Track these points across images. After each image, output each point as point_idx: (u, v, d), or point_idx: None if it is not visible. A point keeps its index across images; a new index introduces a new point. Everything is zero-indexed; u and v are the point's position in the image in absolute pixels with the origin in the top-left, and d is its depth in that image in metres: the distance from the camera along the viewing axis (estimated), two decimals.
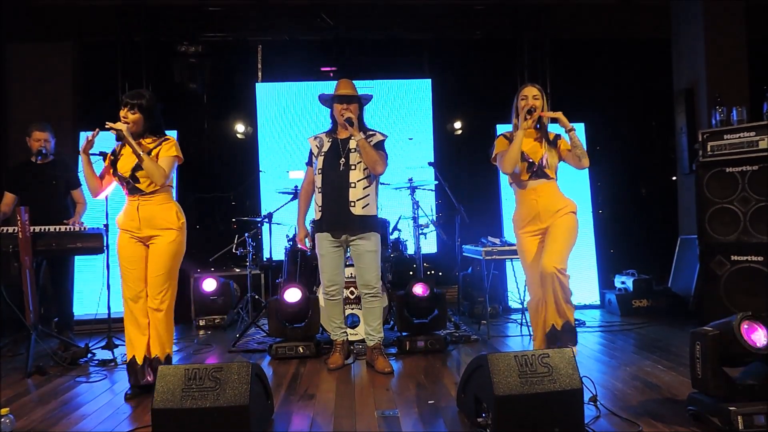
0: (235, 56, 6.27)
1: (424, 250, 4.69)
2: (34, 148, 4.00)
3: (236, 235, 4.92)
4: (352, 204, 3.19)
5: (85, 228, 3.69)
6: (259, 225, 4.82)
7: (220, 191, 6.18)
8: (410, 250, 4.83)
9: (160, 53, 6.05)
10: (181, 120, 5.74)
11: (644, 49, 6.22)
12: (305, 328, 3.74)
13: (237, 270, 5.38)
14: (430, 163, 4.61)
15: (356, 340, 3.85)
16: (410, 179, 4.48)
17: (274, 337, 3.81)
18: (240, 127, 6.41)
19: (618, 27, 6.10)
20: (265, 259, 4.92)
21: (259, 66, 6.21)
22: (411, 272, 5.29)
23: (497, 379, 2.12)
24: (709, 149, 3.87)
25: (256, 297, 4.96)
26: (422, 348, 3.68)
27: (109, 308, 3.97)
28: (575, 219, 2.98)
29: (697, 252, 3.99)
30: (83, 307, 4.73)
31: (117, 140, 2.93)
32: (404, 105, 5.97)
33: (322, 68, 6.38)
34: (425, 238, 4.74)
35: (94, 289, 4.69)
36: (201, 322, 4.91)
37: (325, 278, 3.36)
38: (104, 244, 3.69)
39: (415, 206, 4.47)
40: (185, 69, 6.34)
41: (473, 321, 4.72)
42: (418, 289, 3.79)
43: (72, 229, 3.64)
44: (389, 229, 4.63)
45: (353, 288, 3.89)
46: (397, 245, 4.72)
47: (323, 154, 3.29)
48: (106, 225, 3.79)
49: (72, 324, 4.25)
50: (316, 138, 3.40)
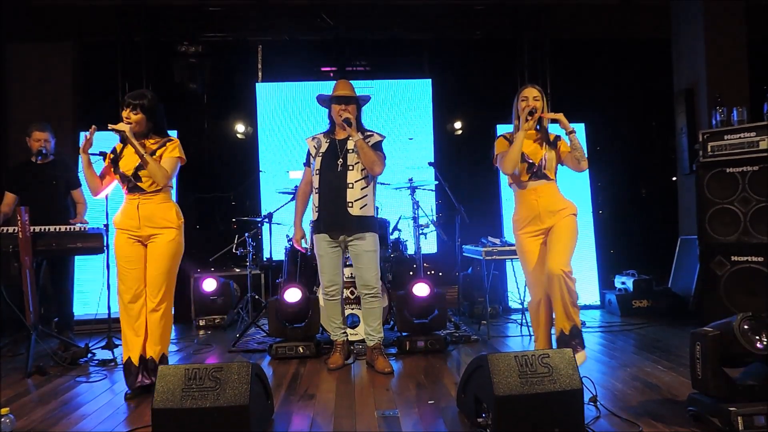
0: (235, 56, 6.27)
1: (424, 250, 4.69)
2: (34, 148, 4.00)
3: (236, 235, 4.92)
4: (350, 205, 3.19)
5: (85, 228, 3.70)
6: (259, 225, 4.82)
7: (220, 191, 6.18)
8: (410, 250, 4.84)
9: (160, 53, 6.05)
10: (181, 120, 5.74)
11: (644, 49, 6.21)
12: (305, 328, 3.74)
13: (237, 270, 5.38)
14: (430, 163, 4.61)
15: (356, 340, 3.85)
16: (410, 179, 4.48)
17: (274, 337, 3.81)
18: (240, 127, 6.41)
19: (618, 27, 6.09)
20: (265, 259, 4.92)
21: (259, 66, 6.21)
22: (411, 272, 5.28)
23: (497, 380, 2.12)
24: (709, 149, 3.87)
25: (256, 297, 4.96)
26: (422, 348, 3.68)
27: (109, 308, 3.97)
28: (576, 221, 2.98)
29: (698, 252, 3.99)
30: (83, 307, 4.73)
31: (120, 141, 2.93)
32: (404, 105, 5.97)
33: (322, 68, 6.38)
34: (425, 238, 4.74)
35: (94, 289, 4.70)
36: (201, 322, 4.91)
37: (324, 279, 3.36)
38: (104, 244, 3.70)
39: (415, 206, 4.47)
40: (185, 69, 6.34)
41: (473, 321, 4.73)
42: (418, 289, 3.79)
43: (72, 229, 3.64)
44: (389, 229, 4.63)
45: (353, 288, 3.89)
46: (397, 245, 4.72)
47: (321, 154, 3.28)
48: (106, 225, 3.78)
49: (72, 324, 4.25)
50: (313, 139, 3.38)
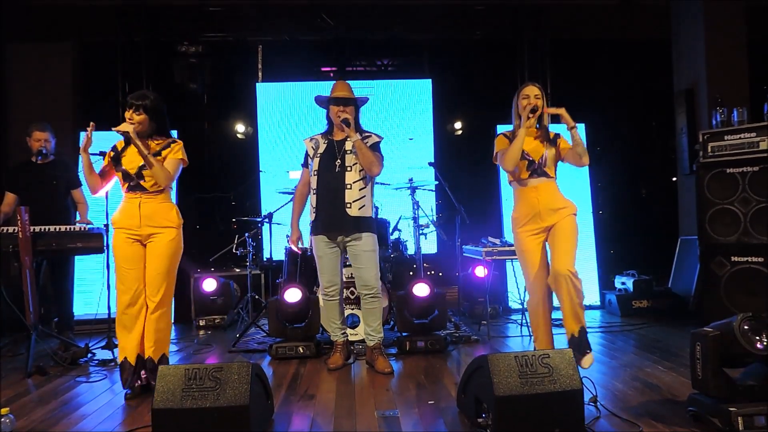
0: (235, 56, 6.27)
1: (424, 251, 4.69)
2: (34, 148, 4.00)
3: (236, 235, 4.91)
4: (348, 206, 3.18)
5: (86, 228, 3.70)
6: (260, 225, 4.82)
7: (221, 191, 6.18)
8: (410, 251, 4.83)
9: (160, 53, 6.05)
10: (181, 120, 5.73)
11: (644, 49, 6.21)
12: (305, 328, 3.74)
13: (237, 270, 5.37)
14: (430, 164, 4.61)
15: (356, 340, 3.85)
16: (410, 179, 4.48)
17: (274, 338, 3.81)
18: (240, 127, 6.41)
19: (618, 27, 6.09)
20: (265, 259, 4.91)
21: (260, 66, 6.21)
22: (411, 272, 5.28)
23: (497, 380, 2.12)
24: (709, 150, 3.87)
25: (256, 297, 4.95)
26: (422, 348, 3.68)
27: (109, 308, 3.97)
28: (576, 221, 2.98)
29: (698, 253, 3.99)
30: (83, 307, 4.73)
31: (124, 142, 2.94)
32: (404, 105, 5.97)
33: (323, 68, 6.38)
34: (425, 238, 4.74)
35: (94, 289, 4.70)
36: (201, 322, 4.91)
37: (323, 279, 3.36)
38: (104, 244, 3.70)
39: (415, 206, 4.47)
40: (185, 69, 6.35)
41: (473, 321, 4.72)
42: (418, 290, 3.79)
43: (72, 229, 3.64)
44: (389, 230, 4.63)
45: (353, 288, 3.89)
46: (397, 245, 4.72)
47: (319, 155, 3.27)
48: (106, 225, 3.78)
49: (72, 324, 4.25)
50: (311, 139, 3.38)
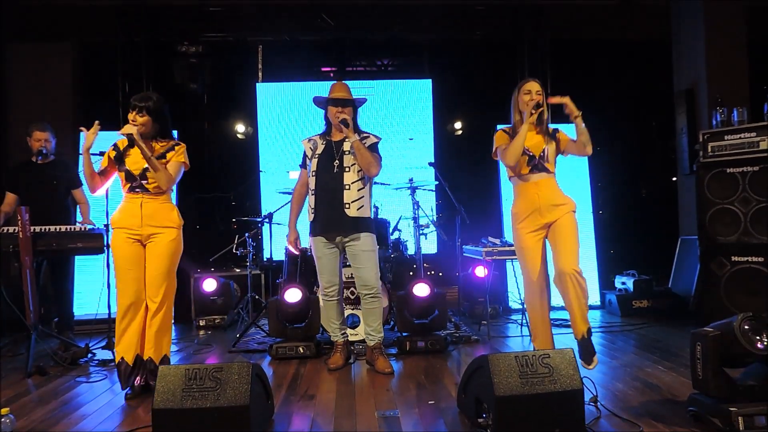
0: (235, 56, 6.27)
1: (424, 251, 4.69)
2: (34, 148, 4.00)
3: (236, 236, 4.91)
4: (346, 206, 3.18)
5: (86, 228, 3.70)
6: (260, 225, 4.82)
7: (221, 191, 6.18)
8: (410, 251, 4.83)
9: (160, 53, 6.05)
10: (182, 120, 5.73)
11: (644, 49, 6.21)
12: (305, 328, 3.74)
13: (237, 270, 5.37)
14: (430, 164, 4.61)
15: (356, 340, 3.85)
16: (411, 179, 4.48)
17: (275, 338, 3.81)
18: (240, 127, 6.41)
19: (618, 27, 6.09)
20: (265, 259, 4.91)
21: (260, 66, 6.21)
22: (411, 272, 5.28)
23: (498, 380, 2.12)
24: (709, 150, 3.87)
25: (257, 297, 4.95)
26: (422, 348, 3.68)
27: (109, 308, 3.97)
28: (576, 218, 2.97)
29: (698, 253, 3.99)
30: (83, 307, 4.72)
31: (129, 143, 2.94)
32: (405, 105, 5.98)
33: (323, 68, 6.38)
34: (425, 238, 4.74)
35: (94, 289, 4.69)
36: (201, 323, 4.91)
37: (323, 279, 3.36)
38: (104, 244, 3.70)
39: (415, 206, 4.47)
40: (185, 69, 6.35)
41: (473, 321, 4.72)
42: (418, 290, 3.78)
43: (73, 229, 3.65)
44: (389, 230, 4.63)
45: (353, 288, 3.89)
46: (397, 245, 4.72)
47: (317, 156, 3.27)
48: (106, 225, 3.78)
49: (72, 324, 4.25)
50: (309, 140, 3.38)
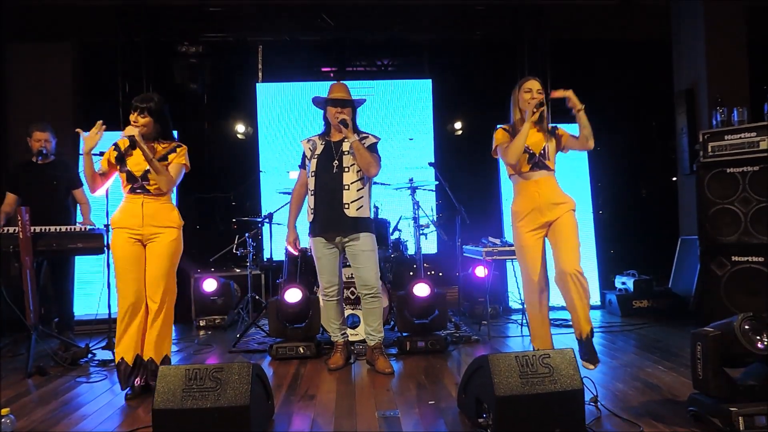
0: (235, 56, 6.27)
1: (424, 251, 4.68)
2: (34, 148, 3.99)
3: (236, 236, 4.91)
4: (346, 206, 3.18)
5: (86, 228, 3.70)
6: (260, 225, 4.82)
7: (221, 191, 6.18)
8: (411, 251, 4.83)
9: (160, 53, 6.05)
10: (181, 120, 5.72)
11: (644, 49, 6.21)
12: (305, 328, 3.74)
13: (237, 270, 5.37)
14: (430, 164, 4.61)
15: (357, 340, 3.85)
16: (411, 179, 4.48)
17: (275, 338, 3.81)
18: (240, 128, 6.41)
19: (618, 27, 6.09)
20: (265, 259, 4.91)
21: (260, 66, 6.21)
22: (411, 272, 5.28)
23: (498, 380, 2.12)
24: (709, 150, 3.87)
25: (257, 297, 4.95)
26: (423, 348, 3.68)
27: (109, 308, 3.97)
28: (576, 217, 2.97)
29: (698, 252, 3.98)
30: (83, 308, 4.73)
31: (130, 145, 2.94)
32: (405, 105, 5.98)
33: (323, 68, 6.38)
34: (426, 238, 4.74)
35: (94, 289, 4.70)
36: (201, 323, 4.91)
37: (323, 280, 3.36)
38: (104, 244, 3.70)
39: (415, 206, 4.47)
40: (185, 69, 6.35)
41: (473, 321, 4.72)
42: (418, 290, 3.79)
43: (73, 229, 3.65)
44: (390, 230, 4.63)
45: (353, 288, 3.89)
46: (397, 245, 4.72)
47: (316, 156, 3.27)
48: (106, 225, 3.78)
49: (72, 324, 4.25)
50: (308, 141, 3.37)
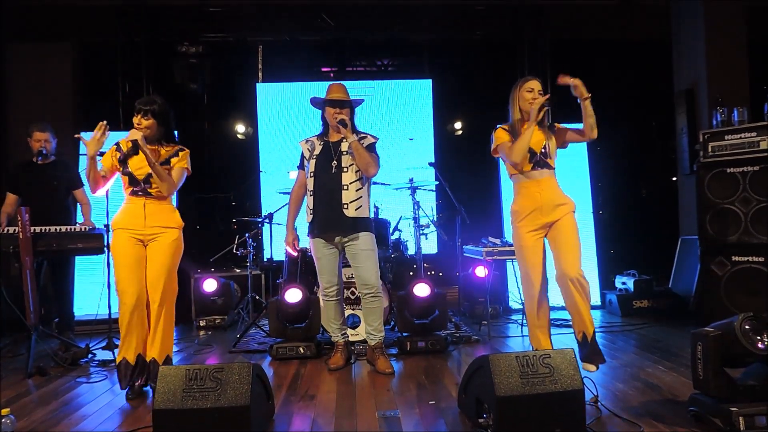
0: (235, 56, 6.27)
1: (424, 251, 4.68)
2: (34, 148, 3.99)
3: (236, 236, 4.91)
4: (345, 206, 3.18)
5: (86, 228, 3.70)
6: (260, 225, 4.82)
7: (221, 191, 6.18)
8: (411, 251, 4.83)
9: (160, 53, 6.05)
10: (181, 120, 5.71)
11: (644, 49, 6.21)
12: (306, 328, 3.74)
13: (237, 270, 5.37)
14: (430, 164, 4.61)
15: (357, 340, 3.84)
16: (411, 179, 4.48)
17: (275, 338, 3.81)
18: (240, 128, 6.41)
19: (618, 27, 6.10)
20: (265, 259, 4.92)
21: (260, 66, 6.21)
22: (411, 273, 5.28)
23: (498, 380, 2.12)
24: (710, 150, 3.87)
25: (257, 297, 4.95)
26: (423, 348, 3.68)
27: (109, 308, 3.97)
28: (575, 219, 2.97)
29: (698, 252, 3.98)
30: (83, 308, 4.73)
31: (132, 148, 2.94)
32: (405, 105, 5.98)
33: (323, 68, 6.38)
34: (426, 238, 4.74)
35: (94, 290, 4.69)
36: (201, 323, 4.91)
37: (323, 280, 3.36)
38: (104, 245, 3.70)
39: (415, 206, 4.47)
40: (185, 69, 6.34)
41: (474, 321, 4.72)
42: (418, 290, 3.78)
43: (73, 230, 3.65)
44: (390, 230, 4.62)
45: (353, 288, 3.89)
46: (397, 245, 4.72)
47: (315, 157, 3.27)
48: (106, 225, 3.79)
49: (72, 324, 4.25)
50: (307, 141, 3.37)
